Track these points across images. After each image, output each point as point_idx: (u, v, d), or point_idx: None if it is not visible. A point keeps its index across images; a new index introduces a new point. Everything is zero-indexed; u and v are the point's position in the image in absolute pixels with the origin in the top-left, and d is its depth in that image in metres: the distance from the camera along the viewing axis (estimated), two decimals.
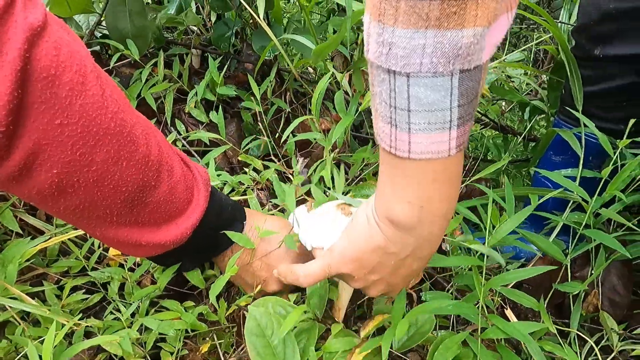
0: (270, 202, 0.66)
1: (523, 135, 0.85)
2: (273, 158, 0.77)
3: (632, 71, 0.64)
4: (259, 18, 0.67)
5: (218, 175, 0.65)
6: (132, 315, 0.51)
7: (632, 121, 0.63)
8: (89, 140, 0.35)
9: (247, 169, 0.70)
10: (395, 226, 0.37)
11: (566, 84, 0.73)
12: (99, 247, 0.57)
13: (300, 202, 0.60)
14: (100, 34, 0.88)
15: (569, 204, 0.66)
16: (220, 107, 0.76)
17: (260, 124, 0.78)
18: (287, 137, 0.72)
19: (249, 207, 0.61)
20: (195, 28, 0.93)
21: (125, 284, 0.54)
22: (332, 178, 0.61)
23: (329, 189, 0.60)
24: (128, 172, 0.39)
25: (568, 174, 0.67)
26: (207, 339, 0.52)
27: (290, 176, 0.72)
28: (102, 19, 0.79)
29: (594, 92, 0.69)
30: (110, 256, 0.57)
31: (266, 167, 0.71)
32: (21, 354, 0.44)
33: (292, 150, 0.73)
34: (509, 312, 0.53)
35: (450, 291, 0.59)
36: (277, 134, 0.82)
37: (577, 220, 0.61)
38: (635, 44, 0.61)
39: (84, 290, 0.54)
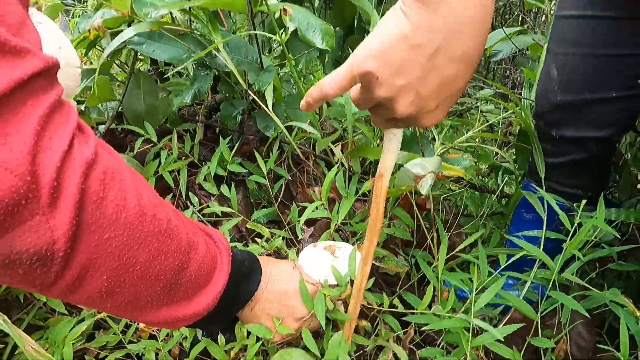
0: None
1: (497, 194, 0.96)
2: (277, 217, 0.86)
3: (583, 149, 0.76)
4: (265, 107, 0.77)
5: (232, 247, 0.73)
6: None
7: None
8: (133, 246, 0.39)
9: (256, 238, 0.78)
10: (421, 2, 0.35)
11: (532, 152, 0.85)
12: (132, 321, 0.64)
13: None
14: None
15: (538, 261, 0.77)
16: (229, 178, 0.86)
17: (265, 192, 0.88)
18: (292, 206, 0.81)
19: None
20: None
21: (158, 355, 0.61)
22: None
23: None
24: (166, 263, 0.43)
25: (534, 235, 0.78)
26: None
27: (296, 242, 0.81)
28: (121, 103, 0.88)
29: (554, 164, 0.81)
30: (141, 327, 0.65)
31: (273, 234, 0.80)
32: None
33: (296, 218, 0.82)
34: None
35: (441, 345, 0.68)
36: (280, 199, 0.91)
37: (544, 276, 0.72)
38: (582, 128, 0.74)
39: None
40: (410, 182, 0.58)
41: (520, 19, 2.11)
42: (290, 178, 0.93)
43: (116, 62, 1.02)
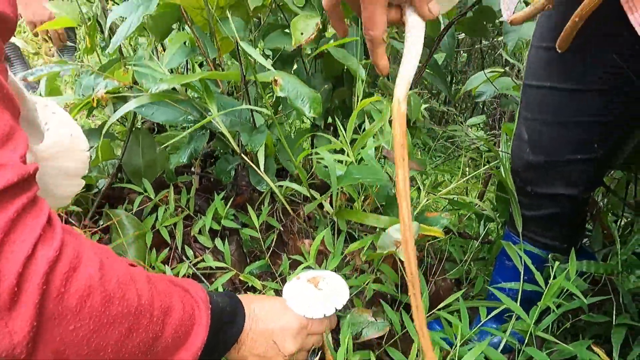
0: None
1: (479, 240, 1.01)
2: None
3: (556, 204, 0.81)
4: (258, 169, 0.82)
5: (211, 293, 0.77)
6: None
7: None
8: (102, 331, 0.38)
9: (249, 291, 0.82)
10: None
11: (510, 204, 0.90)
12: None
13: None
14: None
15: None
16: (223, 229, 0.90)
17: (258, 242, 0.92)
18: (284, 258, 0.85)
19: None
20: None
21: None
22: None
23: None
24: (139, 338, 0.42)
25: (513, 287, 0.82)
26: None
27: None
28: (121, 160, 0.93)
29: (530, 216, 0.86)
30: None
31: (265, 286, 0.84)
32: None
33: (287, 270, 0.86)
34: None
35: None
36: (272, 249, 0.95)
37: (522, 328, 0.76)
38: (554, 186, 0.79)
39: None
40: (391, 247, 0.63)
41: (503, 59, 2.21)
42: (282, 228, 0.97)
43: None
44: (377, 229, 0.71)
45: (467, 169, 2.80)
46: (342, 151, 0.94)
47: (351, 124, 0.77)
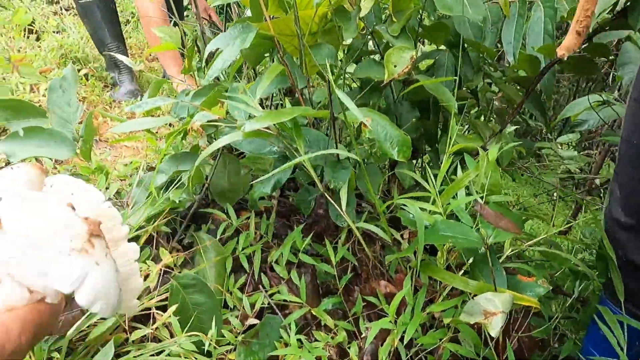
0: None
1: (573, 297, 0.91)
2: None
3: None
4: (339, 207, 0.81)
5: (298, 340, 0.77)
6: None
7: None
8: None
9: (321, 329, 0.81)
10: None
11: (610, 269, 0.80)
12: None
13: None
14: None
15: None
16: (299, 262, 0.90)
17: (333, 277, 0.91)
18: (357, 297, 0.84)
19: None
20: None
21: None
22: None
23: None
24: None
25: None
26: None
27: (359, 337, 0.83)
28: (208, 184, 0.96)
29: (631, 288, 0.76)
30: None
31: (337, 325, 0.83)
32: None
33: (360, 311, 0.84)
34: None
35: None
36: (345, 283, 0.94)
37: None
38: None
39: None
40: (479, 317, 0.58)
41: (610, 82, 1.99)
42: (357, 263, 0.95)
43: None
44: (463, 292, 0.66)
45: (555, 194, 2.59)
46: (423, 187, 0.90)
47: (442, 174, 0.72)
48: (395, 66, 0.84)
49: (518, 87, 1.15)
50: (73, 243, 0.33)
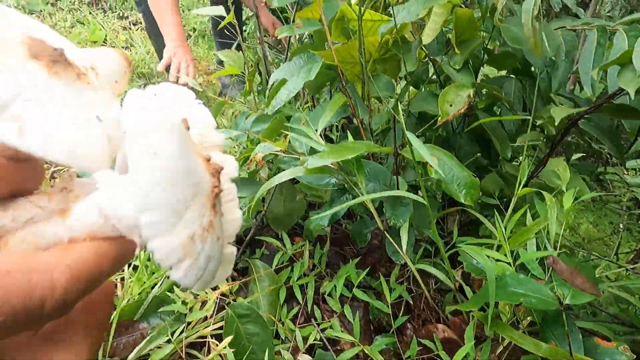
0: None
1: None
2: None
3: None
4: (399, 248, 0.78)
5: None
6: None
7: None
8: None
9: None
10: None
11: None
12: None
13: None
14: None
15: None
16: (353, 298, 0.88)
17: (386, 314, 0.88)
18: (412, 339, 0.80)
19: None
20: None
21: None
22: None
23: None
24: None
25: None
26: None
27: None
28: (265, 210, 0.97)
29: None
30: None
31: None
32: None
33: (415, 354, 0.81)
34: None
35: None
36: (397, 319, 0.91)
37: None
38: None
39: None
40: None
41: None
42: (411, 302, 0.92)
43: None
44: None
45: (622, 224, 2.41)
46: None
47: (512, 222, 0.68)
48: (451, 105, 0.81)
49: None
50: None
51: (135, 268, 0.87)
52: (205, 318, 0.80)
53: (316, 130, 0.81)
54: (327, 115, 0.82)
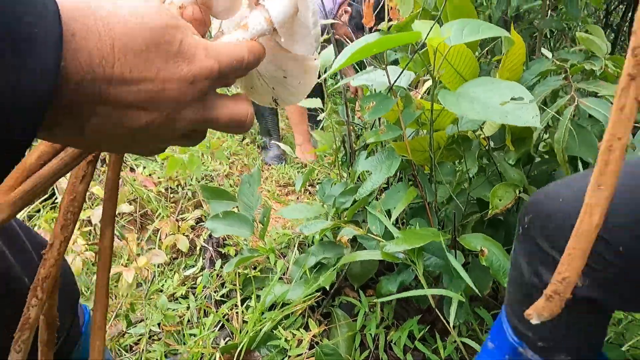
0: None
1: None
2: None
3: None
4: (448, 325, 0.99)
5: None
6: None
7: None
8: None
9: None
10: None
11: None
12: None
13: None
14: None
15: None
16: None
17: None
18: None
19: None
20: None
21: None
22: None
23: None
24: None
25: None
26: None
27: None
28: (346, 269, 1.22)
29: None
30: None
31: None
32: None
33: None
34: None
35: None
36: None
37: None
38: None
39: None
40: None
41: None
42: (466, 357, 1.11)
43: None
44: None
45: None
46: None
47: None
48: (500, 200, 1.00)
49: None
50: None
51: (248, 307, 1.16)
52: (300, 354, 1.06)
53: (389, 218, 1.04)
54: (400, 208, 1.06)
